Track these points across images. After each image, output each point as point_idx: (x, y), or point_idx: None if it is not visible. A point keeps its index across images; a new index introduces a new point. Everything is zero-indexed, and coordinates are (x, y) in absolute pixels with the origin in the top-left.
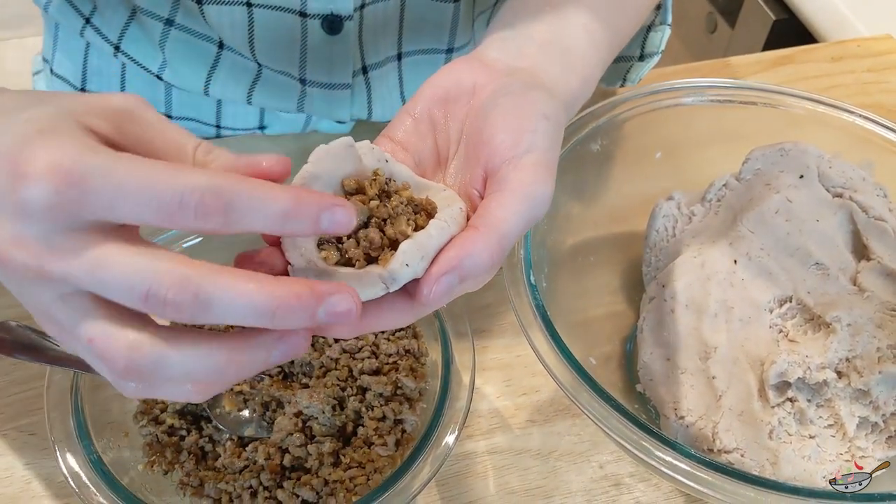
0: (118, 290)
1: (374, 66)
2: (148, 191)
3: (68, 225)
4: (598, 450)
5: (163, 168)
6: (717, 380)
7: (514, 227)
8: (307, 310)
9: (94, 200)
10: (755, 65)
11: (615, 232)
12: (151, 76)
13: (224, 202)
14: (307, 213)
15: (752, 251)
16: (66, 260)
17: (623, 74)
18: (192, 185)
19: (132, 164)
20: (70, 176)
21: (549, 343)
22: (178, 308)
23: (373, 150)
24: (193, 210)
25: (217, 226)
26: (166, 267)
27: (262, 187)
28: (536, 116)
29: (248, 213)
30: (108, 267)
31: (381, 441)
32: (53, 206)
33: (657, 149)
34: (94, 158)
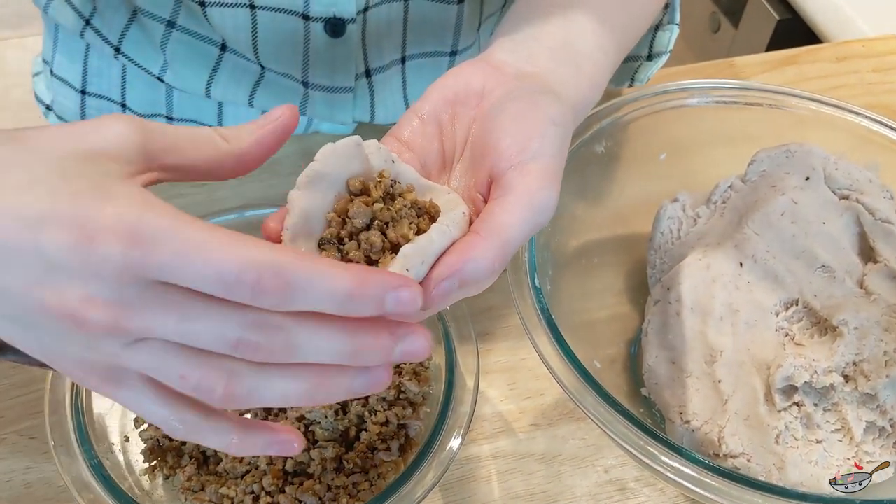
0: (206, 339)
1: (377, 69)
2: (208, 259)
3: (136, 283)
4: (603, 454)
5: (226, 238)
6: (722, 384)
7: (517, 233)
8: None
9: (159, 261)
10: (760, 65)
11: (619, 234)
12: (152, 78)
13: (284, 282)
14: (371, 295)
15: (758, 253)
16: (145, 315)
17: (631, 74)
18: (252, 261)
19: (195, 228)
20: (137, 237)
21: (553, 347)
22: (270, 353)
23: (380, 149)
24: (251, 287)
25: (273, 304)
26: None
27: (323, 267)
28: (544, 122)
29: (307, 294)
30: (193, 318)
31: (384, 446)
32: (122, 266)
33: (662, 150)
34: (158, 219)
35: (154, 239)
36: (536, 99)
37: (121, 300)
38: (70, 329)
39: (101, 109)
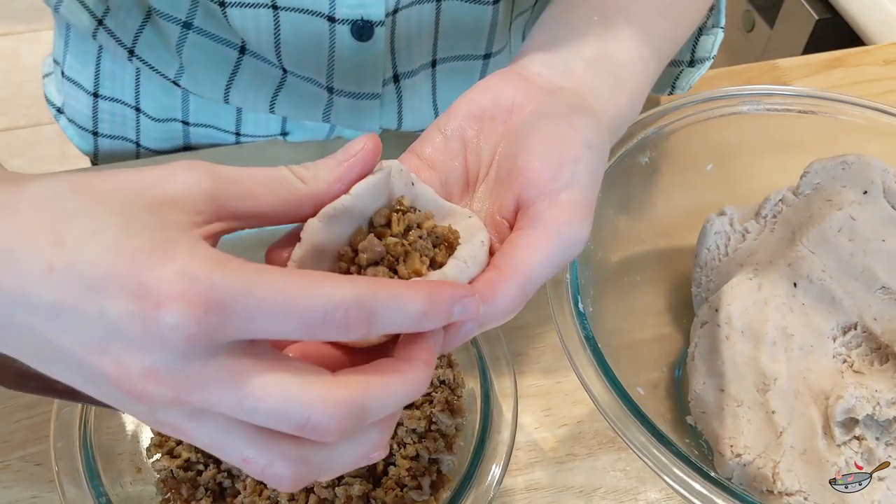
0: (270, 421)
1: (406, 74)
2: (291, 310)
3: (204, 350)
4: (646, 487)
5: (302, 282)
6: (777, 414)
7: (541, 273)
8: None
9: (236, 324)
10: (803, 68)
11: (661, 247)
12: (168, 82)
13: (368, 314)
14: (442, 310)
15: (814, 273)
16: (207, 391)
17: (672, 81)
18: (335, 300)
19: (269, 280)
20: (209, 303)
21: (597, 373)
22: (339, 434)
23: (401, 171)
24: (337, 325)
25: (359, 336)
26: (320, 394)
27: (399, 291)
28: (579, 146)
29: (389, 320)
30: (257, 398)
31: (414, 483)
32: (193, 335)
33: (708, 160)
34: (229, 279)
35: (230, 302)
36: (571, 119)
37: (185, 372)
38: (131, 399)
39: (114, 113)
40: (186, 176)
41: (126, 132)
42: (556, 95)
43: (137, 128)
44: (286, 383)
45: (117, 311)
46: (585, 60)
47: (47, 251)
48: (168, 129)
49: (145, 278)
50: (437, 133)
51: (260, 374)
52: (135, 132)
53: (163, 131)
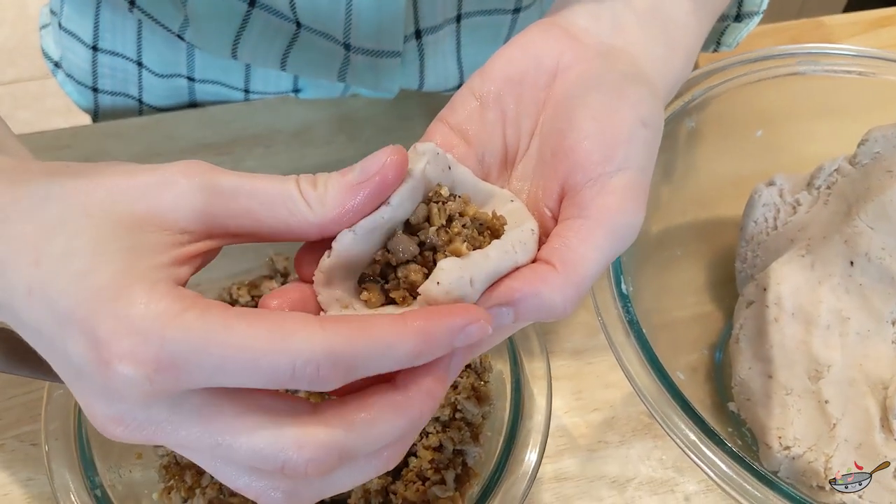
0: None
1: (429, 30)
2: (253, 367)
3: (167, 400)
4: (685, 478)
5: (268, 336)
6: (830, 404)
7: (595, 269)
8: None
9: (193, 380)
10: (851, 26)
11: (703, 219)
12: (171, 35)
13: (345, 367)
14: (439, 346)
15: (872, 251)
16: (177, 436)
17: (717, 37)
18: (304, 356)
19: (230, 334)
20: (159, 363)
21: (638, 357)
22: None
23: (437, 157)
24: (308, 380)
25: (336, 386)
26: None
27: (383, 334)
28: (634, 123)
29: (374, 366)
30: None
31: (437, 477)
32: (146, 392)
33: (758, 126)
34: (183, 335)
35: (183, 362)
36: (625, 90)
37: (150, 420)
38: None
39: (114, 68)
40: (179, 189)
41: (127, 88)
42: (606, 59)
43: (139, 84)
44: (258, 428)
45: (78, 356)
46: (637, 15)
47: (27, 272)
48: (172, 86)
49: (100, 330)
50: (472, 99)
51: (231, 418)
52: (137, 88)
53: (166, 88)
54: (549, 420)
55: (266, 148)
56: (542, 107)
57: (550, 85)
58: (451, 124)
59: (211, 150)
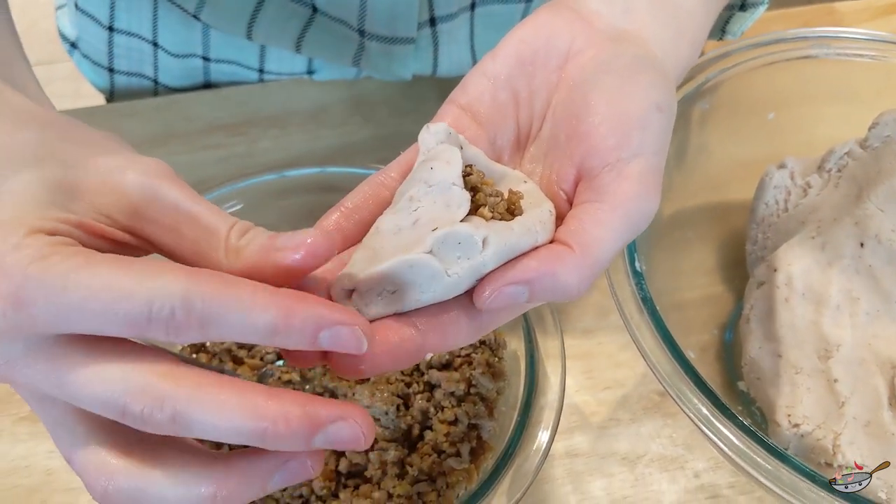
0: (92, 406)
1: (443, 18)
2: (111, 308)
3: (24, 340)
4: (694, 455)
5: (125, 278)
6: (839, 383)
7: (610, 251)
8: (300, 437)
9: (48, 320)
10: (863, 12)
11: (714, 201)
12: (187, 15)
13: (198, 316)
14: (298, 330)
15: (883, 233)
16: (31, 375)
17: (722, 25)
18: (161, 297)
19: (92, 274)
20: (16, 300)
21: (653, 336)
22: (157, 426)
23: (450, 136)
24: (164, 325)
25: (193, 338)
26: (140, 382)
27: (245, 296)
28: (648, 108)
29: (227, 327)
30: (76, 384)
31: (452, 450)
32: (3, 328)
33: (769, 108)
34: (44, 274)
35: (39, 300)
36: (638, 75)
37: (6, 358)
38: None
39: (130, 48)
40: (124, 183)
41: (143, 68)
42: (618, 43)
43: (155, 64)
44: (108, 370)
45: None
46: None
47: None
48: (187, 66)
49: None
50: (483, 80)
51: (85, 359)
52: (152, 68)
53: (182, 68)
54: (562, 398)
55: (281, 129)
56: (554, 88)
57: (562, 67)
58: (462, 106)
59: (225, 131)
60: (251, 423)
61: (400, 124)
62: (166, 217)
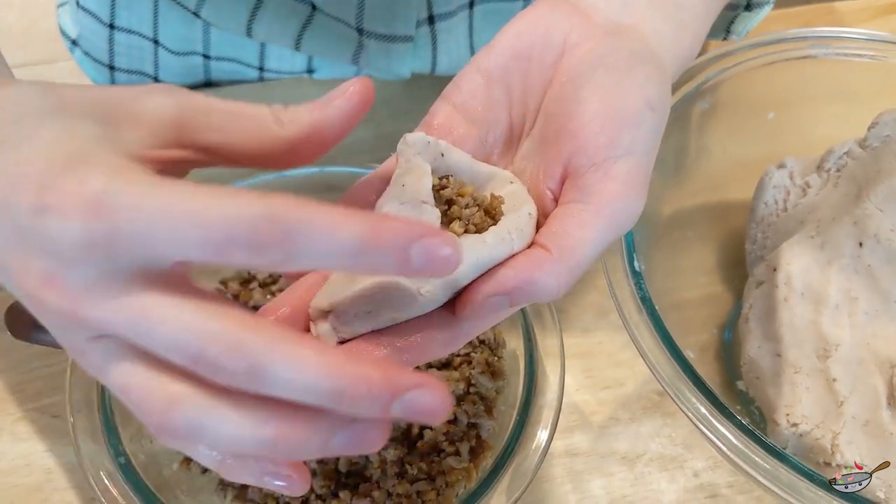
0: (163, 348)
1: (442, 16)
2: (189, 223)
3: (106, 267)
4: (693, 455)
5: (206, 194)
6: (838, 383)
7: (591, 253)
8: (378, 401)
9: (127, 237)
10: (863, 12)
11: (714, 201)
12: (188, 13)
13: (282, 231)
14: (388, 246)
15: (882, 232)
16: (104, 306)
17: (727, 25)
18: (243, 213)
19: (171, 191)
20: (97, 208)
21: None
22: (231, 375)
23: (428, 145)
24: (246, 242)
25: (276, 260)
26: (218, 328)
27: (330, 211)
28: (641, 106)
29: (312, 245)
30: (152, 322)
31: (452, 449)
32: (84, 243)
33: (770, 108)
34: (126, 187)
35: (120, 211)
36: (633, 70)
37: (80, 283)
38: (34, 308)
39: (131, 46)
40: (155, 100)
41: (143, 66)
42: (615, 37)
43: (155, 61)
44: (186, 313)
45: (23, 208)
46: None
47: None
48: (188, 64)
49: (49, 179)
50: (477, 75)
51: (164, 300)
52: (153, 66)
53: (182, 66)
54: (561, 397)
55: None
56: (548, 84)
57: (558, 62)
58: (454, 103)
59: None
60: (330, 381)
61: (399, 124)
62: (207, 117)
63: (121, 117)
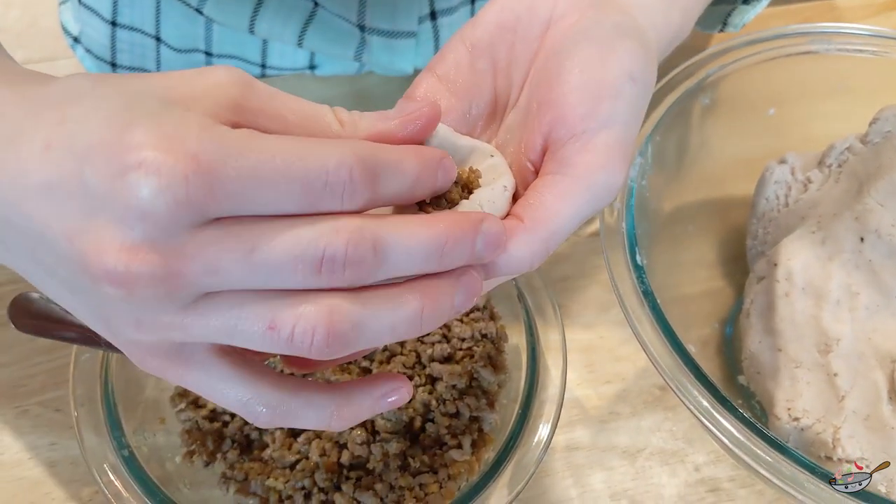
0: (285, 268)
1: (444, 11)
2: (289, 172)
3: (191, 222)
4: (694, 449)
5: (296, 143)
6: (839, 377)
7: (567, 225)
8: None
9: (228, 189)
10: (864, 8)
11: (715, 196)
12: (190, 10)
13: (372, 173)
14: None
15: (883, 228)
16: (206, 254)
17: (723, 18)
18: (337, 158)
19: (265, 142)
20: (198, 163)
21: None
22: (359, 266)
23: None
24: (343, 188)
25: (362, 202)
26: (330, 226)
27: (393, 149)
28: (620, 77)
29: (391, 180)
30: (266, 248)
31: (454, 442)
32: (180, 200)
33: (770, 104)
34: (221, 139)
35: (221, 163)
36: (615, 43)
37: (172, 244)
38: (115, 291)
39: (133, 42)
40: (217, 78)
41: (145, 63)
42: (600, 9)
43: (157, 59)
44: (291, 226)
45: (98, 176)
46: None
47: (48, 129)
48: (190, 61)
49: (130, 138)
50: (462, 47)
51: (261, 225)
52: (155, 63)
53: (184, 63)
54: (563, 391)
55: None
56: (535, 56)
57: (544, 34)
58: (438, 74)
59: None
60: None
61: None
62: (269, 105)
63: (180, 98)
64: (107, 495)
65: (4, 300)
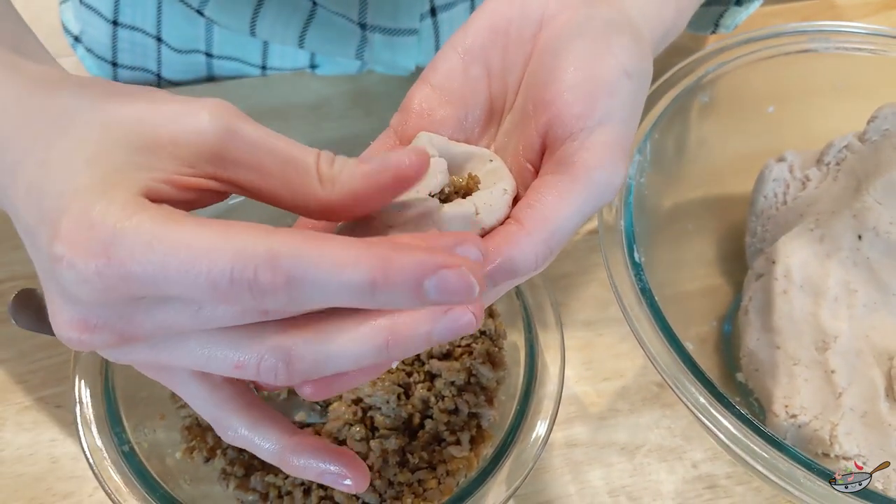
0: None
1: (444, 7)
2: (193, 267)
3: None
4: (692, 446)
5: (209, 235)
6: (836, 374)
7: (568, 225)
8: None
9: (141, 281)
10: (863, 7)
11: (714, 194)
12: (192, 11)
13: (284, 276)
14: (402, 283)
15: (881, 225)
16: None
17: (715, 20)
18: (245, 255)
19: (180, 232)
20: (107, 254)
21: (652, 327)
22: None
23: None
24: (249, 287)
25: (282, 305)
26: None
27: (336, 250)
28: (616, 73)
29: (317, 287)
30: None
31: (453, 438)
32: (98, 289)
33: (769, 102)
34: (136, 230)
35: (129, 257)
36: (609, 39)
37: (116, 315)
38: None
39: (134, 43)
40: (200, 124)
41: (146, 63)
42: (593, 6)
43: (158, 59)
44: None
45: (44, 254)
46: None
47: (31, 171)
48: (190, 61)
49: (61, 226)
50: (454, 55)
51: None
52: (155, 63)
53: (185, 63)
54: (561, 388)
55: (283, 121)
56: (529, 58)
57: (537, 35)
58: (432, 84)
59: None
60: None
61: None
62: (249, 156)
63: (160, 142)
64: (107, 491)
65: (5, 297)
